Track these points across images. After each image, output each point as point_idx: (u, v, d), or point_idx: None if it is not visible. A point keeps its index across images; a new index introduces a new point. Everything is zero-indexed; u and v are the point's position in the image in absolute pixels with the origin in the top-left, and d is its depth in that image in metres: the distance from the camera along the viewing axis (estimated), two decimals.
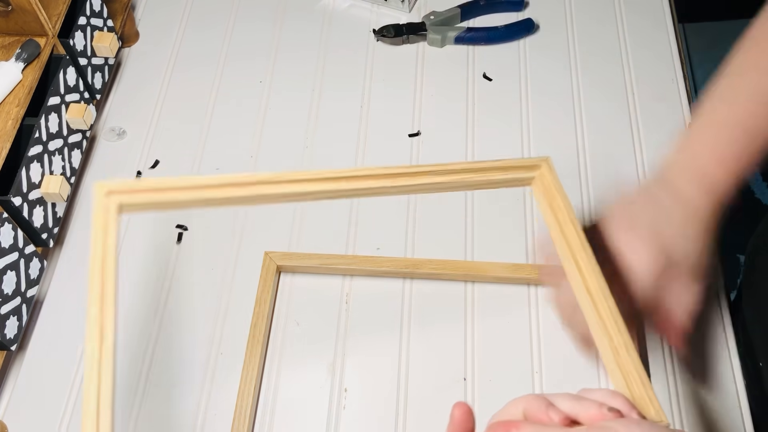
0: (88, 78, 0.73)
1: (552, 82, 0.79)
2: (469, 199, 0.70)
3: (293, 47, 0.83)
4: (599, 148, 0.74)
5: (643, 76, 0.79)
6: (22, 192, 0.61)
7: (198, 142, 0.76)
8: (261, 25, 0.85)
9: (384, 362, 0.62)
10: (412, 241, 0.68)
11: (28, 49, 0.65)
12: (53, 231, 0.66)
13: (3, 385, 0.62)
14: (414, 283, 0.66)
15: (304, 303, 0.65)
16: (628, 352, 0.44)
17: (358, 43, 0.83)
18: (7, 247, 0.58)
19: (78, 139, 0.70)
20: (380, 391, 0.61)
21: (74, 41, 0.70)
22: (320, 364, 0.62)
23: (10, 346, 0.60)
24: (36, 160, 0.63)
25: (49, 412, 0.61)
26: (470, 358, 0.62)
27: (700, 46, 1.87)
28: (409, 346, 0.63)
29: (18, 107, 0.62)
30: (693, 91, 1.81)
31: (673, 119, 0.76)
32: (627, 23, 0.84)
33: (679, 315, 0.51)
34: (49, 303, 0.67)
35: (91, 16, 0.73)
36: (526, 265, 0.65)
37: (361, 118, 0.77)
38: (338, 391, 0.61)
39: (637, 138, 0.75)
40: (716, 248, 0.52)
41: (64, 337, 0.65)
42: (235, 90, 0.80)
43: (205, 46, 0.84)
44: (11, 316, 0.59)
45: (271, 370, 0.62)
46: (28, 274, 0.62)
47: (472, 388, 0.60)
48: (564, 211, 0.50)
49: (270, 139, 0.76)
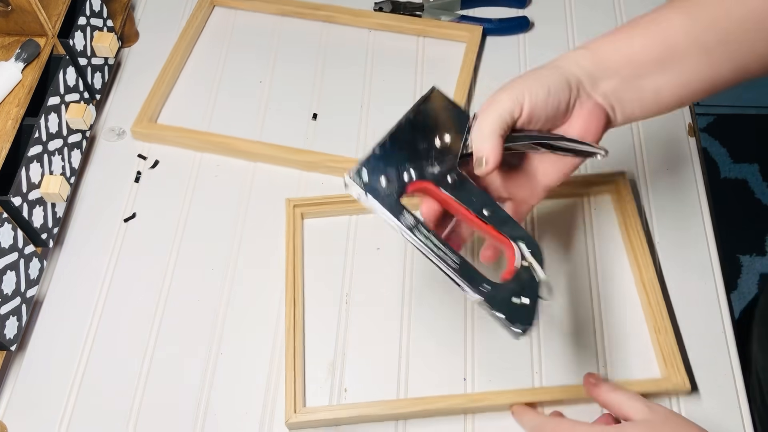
0: (87, 78, 0.73)
1: None
2: None
3: (293, 48, 0.83)
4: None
5: None
6: (22, 192, 0.61)
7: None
8: (261, 26, 0.85)
9: (384, 362, 0.62)
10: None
11: (28, 49, 0.65)
12: (53, 231, 0.66)
13: (3, 385, 0.62)
14: (414, 282, 0.66)
15: (304, 303, 0.65)
16: (667, 333, 0.60)
17: (359, 38, 0.83)
18: (7, 248, 0.58)
19: (78, 139, 0.70)
20: (380, 391, 0.61)
21: (74, 41, 0.70)
22: (320, 364, 0.62)
23: (9, 346, 0.60)
24: (36, 160, 0.63)
25: (49, 412, 0.61)
26: (470, 358, 0.62)
27: None
28: (409, 345, 0.63)
29: (18, 107, 0.62)
30: None
31: (673, 119, 0.76)
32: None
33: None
34: (48, 303, 0.67)
35: (90, 16, 0.73)
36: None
37: (362, 112, 0.77)
38: (338, 391, 0.61)
39: (637, 138, 0.74)
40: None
41: (63, 337, 0.64)
42: (234, 90, 0.80)
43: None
44: (11, 316, 0.59)
45: (270, 369, 0.62)
46: (27, 275, 0.62)
47: (472, 388, 0.60)
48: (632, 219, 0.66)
49: (270, 139, 0.75)
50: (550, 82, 0.48)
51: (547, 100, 0.47)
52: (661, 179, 0.71)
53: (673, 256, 0.67)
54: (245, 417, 0.60)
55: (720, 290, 0.65)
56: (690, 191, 0.71)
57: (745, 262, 1.58)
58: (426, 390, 0.60)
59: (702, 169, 0.72)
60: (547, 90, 0.47)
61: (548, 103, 0.47)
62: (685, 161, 0.73)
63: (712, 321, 0.63)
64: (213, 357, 0.63)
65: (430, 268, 0.47)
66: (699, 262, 0.66)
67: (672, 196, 0.70)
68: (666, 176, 0.72)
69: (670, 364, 0.59)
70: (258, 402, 0.60)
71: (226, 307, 0.65)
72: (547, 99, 0.47)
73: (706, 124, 1.75)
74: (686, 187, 0.71)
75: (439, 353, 0.62)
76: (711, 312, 0.64)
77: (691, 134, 0.74)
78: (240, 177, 0.73)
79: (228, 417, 0.60)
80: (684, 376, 0.58)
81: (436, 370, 0.61)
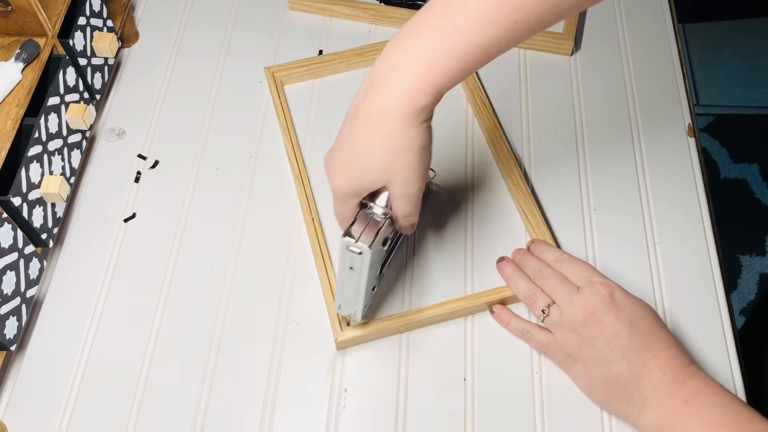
0: (87, 78, 0.73)
1: (550, 82, 0.79)
2: (469, 204, 0.71)
3: (293, 48, 0.83)
4: (598, 149, 0.74)
5: (642, 76, 0.79)
6: (22, 192, 0.61)
7: (198, 142, 0.76)
8: (261, 26, 0.85)
9: (384, 362, 0.62)
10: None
11: (28, 49, 0.65)
12: (53, 231, 0.66)
13: (3, 385, 0.62)
14: (414, 282, 0.66)
15: (304, 302, 0.65)
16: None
17: (359, 33, 0.83)
18: (7, 248, 0.58)
19: (78, 139, 0.70)
20: (380, 391, 0.61)
21: (74, 41, 0.70)
22: (320, 364, 0.62)
23: (9, 347, 0.60)
24: (35, 161, 0.63)
25: (49, 412, 0.61)
26: (470, 358, 0.62)
27: (700, 46, 1.87)
28: (409, 345, 0.63)
29: (18, 107, 0.62)
30: (693, 91, 1.82)
31: (673, 119, 0.76)
32: (627, 23, 0.84)
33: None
34: (48, 303, 0.67)
35: (90, 16, 0.73)
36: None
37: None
38: (338, 391, 0.61)
39: (637, 138, 0.74)
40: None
41: (63, 337, 0.64)
42: (234, 90, 0.80)
43: (205, 46, 0.84)
44: (11, 316, 0.59)
45: (271, 369, 0.62)
46: (27, 275, 0.62)
47: (472, 388, 0.60)
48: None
49: (270, 139, 0.76)
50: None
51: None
52: (661, 179, 0.71)
53: (673, 255, 0.67)
54: (245, 417, 0.60)
55: (720, 290, 0.65)
56: (690, 191, 0.71)
57: (745, 262, 1.58)
58: (426, 390, 0.60)
59: (702, 169, 0.72)
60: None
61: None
62: (685, 161, 0.73)
63: (712, 321, 0.63)
64: (213, 357, 0.63)
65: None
66: (699, 262, 0.66)
67: (672, 196, 0.70)
68: (666, 176, 0.72)
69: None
70: (258, 402, 0.60)
71: (226, 307, 0.65)
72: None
73: (706, 124, 1.75)
74: (686, 187, 0.71)
75: (439, 353, 0.62)
76: (711, 312, 0.64)
77: (690, 134, 0.74)
78: (240, 177, 0.73)
79: (228, 417, 0.60)
80: None
81: (436, 369, 0.61)
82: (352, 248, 0.51)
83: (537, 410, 0.59)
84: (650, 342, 0.54)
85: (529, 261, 0.62)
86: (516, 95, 0.78)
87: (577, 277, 0.58)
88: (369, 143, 0.47)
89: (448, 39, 0.45)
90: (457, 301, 0.63)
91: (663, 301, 0.64)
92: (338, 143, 0.51)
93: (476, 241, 0.68)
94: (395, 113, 0.46)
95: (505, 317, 0.62)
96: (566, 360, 0.58)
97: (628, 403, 0.54)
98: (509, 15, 0.43)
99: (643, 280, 0.65)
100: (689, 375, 0.52)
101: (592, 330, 0.55)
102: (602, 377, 0.55)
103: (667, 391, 0.51)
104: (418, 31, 0.46)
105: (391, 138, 0.46)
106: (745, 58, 1.84)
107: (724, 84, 1.81)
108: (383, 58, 0.47)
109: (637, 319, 0.55)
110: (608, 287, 0.56)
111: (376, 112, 0.46)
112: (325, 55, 0.80)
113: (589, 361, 0.55)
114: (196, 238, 0.69)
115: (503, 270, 0.63)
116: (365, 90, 0.48)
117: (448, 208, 0.70)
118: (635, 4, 0.85)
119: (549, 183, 0.72)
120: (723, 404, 0.50)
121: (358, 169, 0.49)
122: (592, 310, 0.55)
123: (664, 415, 0.51)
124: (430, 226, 0.69)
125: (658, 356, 0.53)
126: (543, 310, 0.59)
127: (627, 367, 0.53)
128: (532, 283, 0.61)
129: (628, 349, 0.53)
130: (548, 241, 0.65)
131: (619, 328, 0.54)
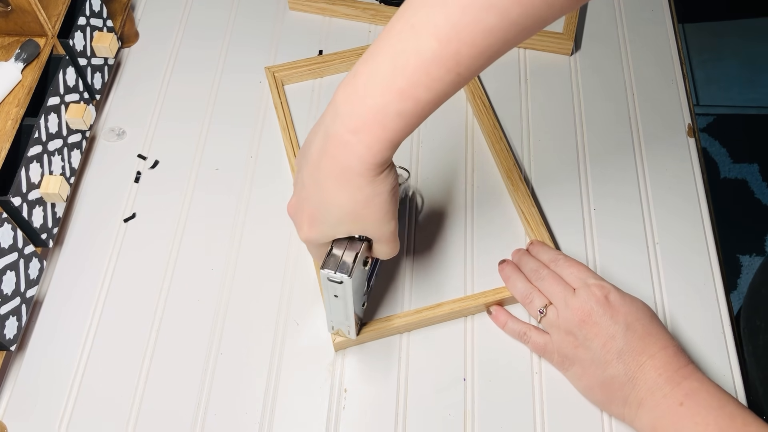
0: (87, 78, 0.73)
1: (550, 82, 0.79)
2: (469, 201, 0.71)
3: (293, 48, 0.83)
4: (599, 149, 0.74)
5: (642, 76, 0.79)
6: (22, 192, 0.61)
7: (198, 142, 0.76)
8: (261, 26, 0.85)
9: (384, 362, 0.62)
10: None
11: (28, 49, 0.65)
12: (53, 231, 0.66)
13: (3, 385, 0.62)
14: (414, 281, 0.66)
15: (304, 302, 0.65)
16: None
17: (359, 33, 0.83)
18: (7, 248, 0.58)
19: (77, 139, 0.70)
20: (380, 391, 0.61)
21: (74, 41, 0.70)
22: (320, 364, 0.62)
23: (9, 347, 0.60)
24: (35, 161, 0.63)
25: (49, 412, 0.61)
26: (470, 358, 0.62)
27: (700, 46, 1.87)
28: (409, 346, 0.63)
29: (17, 107, 0.62)
30: (693, 91, 1.82)
31: (673, 119, 0.76)
32: (626, 23, 0.84)
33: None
34: (48, 303, 0.67)
35: (90, 16, 0.73)
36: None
37: None
38: (338, 391, 0.61)
39: (637, 138, 0.74)
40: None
41: (63, 337, 0.65)
42: (235, 90, 0.80)
43: (205, 46, 0.84)
44: (11, 316, 0.59)
45: (271, 369, 0.62)
46: (27, 275, 0.62)
47: (472, 388, 0.60)
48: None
49: (270, 139, 0.76)
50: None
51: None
52: (661, 179, 0.71)
53: (673, 256, 0.67)
54: (245, 417, 0.60)
55: (720, 290, 0.65)
56: (690, 191, 0.71)
57: (745, 262, 1.58)
58: (426, 390, 0.60)
59: (702, 169, 0.72)
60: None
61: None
62: (685, 161, 0.73)
63: (712, 321, 0.63)
64: (213, 357, 0.63)
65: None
66: (699, 262, 0.66)
67: (672, 196, 0.70)
68: (666, 176, 0.72)
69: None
70: (258, 402, 0.60)
71: (226, 307, 0.65)
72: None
73: (706, 124, 1.75)
74: (686, 187, 0.71)
75: (439, 353, 0.62)
76: (711, 312, 0.64)
77: (690, 135, 0.74)
78: (240, 177, 0.73)
79: (228, 417, 0.60)
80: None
81: (436, 369, 0.61)
82: (332, 278, 0.51)
83: (537, 410, 0.59)
84: (646, 343, 0.54)
85: (527, 261, 0.62)
86: (516, 95, 0.78)
87: (572, 279, 0.58)
88: (338, 199, 0.47)
89: (396, 100, 0.44)
90: (456, 302, 0.63)
91: (663, 302, 0.64)
92: (304, 195, 0.50)
93: (476, 242, 0.68)
94: (360, 169, 0.46)
95: (502, 318, 0.62)
96: (563, 362, 0.58)
97: (624, 404, 0.54)
98: (452, 70, 0.43)
99: (643, 281, 0.65)
100: (685, 376, 0.52)
101: (587, 332, 0.55)
102: (599, 379, 0.55)
103: (663, 393, 0.51)
104: (367, 92, 0.45)
105: (361, 190, 0.47)
106: (745, 58, 1.84)
107: (724, 84, 1.82)
108: (335, 116, 0.46)
109: (633, 320, 0.55)
110: (603, 289, 0.56)
111: (340, 170, 0.46)
112: (325, 55, 0.80)
113: (585, 364, 0.56)
114: (196, 238, 0.69)
115: (503, 271, 0.63)
116: (322, 144, 0.47)
117: (447, 209, 0.70)
118: (635, 4, 0.85)
119: (549, 183, 0.72)
120: (718, 406, 0.50)
121: (328, 222, 0.49)
122: (587, 312, 0.55)
123: (659, 417, 0.51)
124: (430, 226, 0.69)
125: (654, 357, 0.53)
126: (540, 310, 0.59)
127: (623, 369, 0.53)
128: (530, 284, 0.61)
129: (623, 350, 0.54)
130: (546, 242, 0.65)
131: (614, 330, 0.54)
